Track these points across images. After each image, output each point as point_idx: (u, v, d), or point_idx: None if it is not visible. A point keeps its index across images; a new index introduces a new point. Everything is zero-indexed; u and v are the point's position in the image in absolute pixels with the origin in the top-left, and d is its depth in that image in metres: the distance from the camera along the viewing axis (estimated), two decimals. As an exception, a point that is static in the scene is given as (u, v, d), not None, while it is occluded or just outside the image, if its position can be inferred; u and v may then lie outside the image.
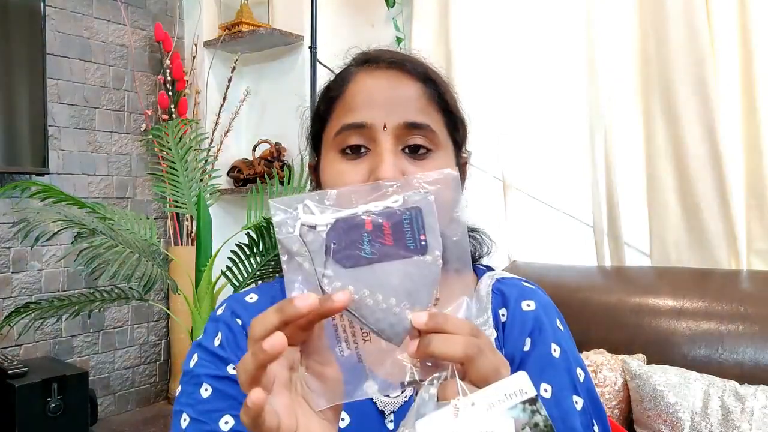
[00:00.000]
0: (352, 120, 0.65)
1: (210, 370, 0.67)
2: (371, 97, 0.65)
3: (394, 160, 0.63)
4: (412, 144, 0.65)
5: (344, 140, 0.65)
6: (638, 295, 1.61)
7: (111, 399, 2.57)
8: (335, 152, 0.66)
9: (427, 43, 2.29)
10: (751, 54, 1.65)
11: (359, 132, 0.65)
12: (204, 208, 1.91)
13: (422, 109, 0.66)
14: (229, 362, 0.67)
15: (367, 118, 0.64)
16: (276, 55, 2.66)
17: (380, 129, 0.64)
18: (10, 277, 2.28)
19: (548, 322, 0.70)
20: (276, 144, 2.52)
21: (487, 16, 2.18)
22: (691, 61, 1.71)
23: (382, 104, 0.65)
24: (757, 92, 1.65)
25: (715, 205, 1.69)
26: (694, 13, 1.70)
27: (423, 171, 0.57)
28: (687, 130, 1.72)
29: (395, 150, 0.64)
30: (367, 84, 0.66)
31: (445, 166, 0.61)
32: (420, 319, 0.47)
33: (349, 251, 0.49)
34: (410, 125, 0.64)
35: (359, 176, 0.64)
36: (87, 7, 2.50)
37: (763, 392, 1.28)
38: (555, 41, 2.09)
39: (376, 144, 0.64)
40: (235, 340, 0.68)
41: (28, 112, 2.25)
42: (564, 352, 0.68)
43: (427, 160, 0.65)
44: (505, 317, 0.70)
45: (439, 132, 0.66)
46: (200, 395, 0.66)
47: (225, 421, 0.64)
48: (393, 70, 0.67)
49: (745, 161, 1.71)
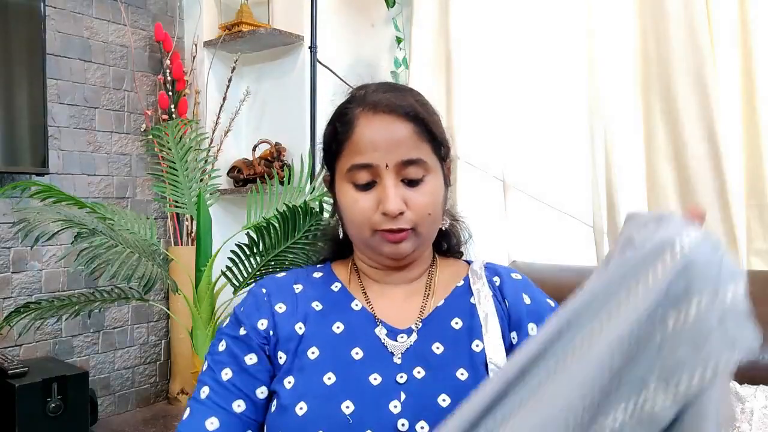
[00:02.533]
0: (360, 161, 0.82)
1: (229, 330, 0.85)
2: (373, 141, 0.82)
3: (395, 192, 0.81)
4: (409, 178, 0.82)
5: (355, 176, 0.83)
6: (638, 295, 1.60)
7: (111, 399, 2.57)
8: (348, 183, 0.84)
9: (427, 43, 2.29)
10: (751, 54, 1.65)
11: (367, 170, 0.82)
12: (204, 208, 1.91)
13: (414, 145, 0.82)
14: (242, 324, 0.85)
15: (372, 160, 0.81)
16: (276, 55, 2.66)
17: (383, 167, 0.81)
18: (10, 277, 2.28)
19: (533, 285, 0.91)
20: (276, 144, 2.52)
21: (487, 16, 2.18)
22: (691, 61, 1.71)
23: (383, 147, 0.81)
24: (757, 92, 1.65)
25: (715, 205, 1.69)
26: (694, 13, 1.70)
27: (419, 195, 0.82)
28: (687, 130, 1.72)
29: (396, 183, 0.82)
30: (370, 129, 0.82)
31: (436, 185, 0.84)
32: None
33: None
34: (407, 162, 0.81)
35: (369, 204, 0.82)
36: (87, 7, 2.50)
37: (763, 392, 1.28)
38: (555, 41, 2.09)
39: (381, 179, 0.82)
40: (256, 303, 0.86)
41: (28, 112, 2.25)
42: (555, 304, 0.88)
43: (422, 185, 0.83)
44: (499, 282, 0.89)
45: (429, 160, 0.83)
46: (217, 348, 0.85)
47: (225, 372, 0.82)
48: (389, 114, 0.82)
49: (745, 161, 1.71)
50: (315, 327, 0.84)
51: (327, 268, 0.94)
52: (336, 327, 0.84)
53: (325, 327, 0.84)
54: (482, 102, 2.15)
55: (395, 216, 0.81)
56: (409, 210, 0.81)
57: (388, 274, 0.89)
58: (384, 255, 0.85)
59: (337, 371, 0.79)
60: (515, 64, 2.14)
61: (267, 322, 0.84)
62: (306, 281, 0.90)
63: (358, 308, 0.87)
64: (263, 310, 0.85)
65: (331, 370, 0.79)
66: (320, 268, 0.94)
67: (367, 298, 0.88)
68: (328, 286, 0.90)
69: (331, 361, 0.80)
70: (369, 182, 0.82)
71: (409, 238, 0.83)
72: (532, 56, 2.12)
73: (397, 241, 0.82)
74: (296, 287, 0.89)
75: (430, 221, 0.84)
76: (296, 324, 0.84)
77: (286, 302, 0.86)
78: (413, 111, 0.83)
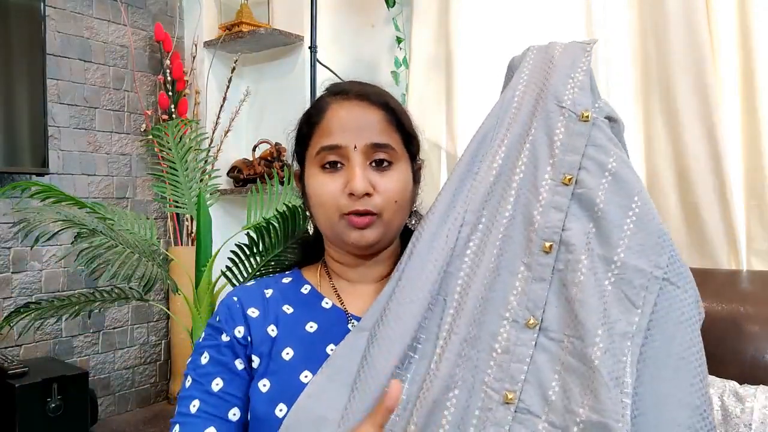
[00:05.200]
0: (329, 142, 0.83)
1: (210, 342, 0.84)
2: (343, 123, 0.83)
3: (363, 173, 0.81)
4: (377, 159, 0.83)
5: (323, 158, 0.83)
6: (638, 295, 1.60)
7: (111, 399, 2.57)
8: (317, 167, 0.84)
9: (427, 43, 2.29)
10: (751, 54, 1.65)
11: (335, 151, 0.82)
12: (204, 209, 1.91)
13: (384, 131, 0.84)
14: (223, 332, 0.84)
15: (341, 141, 0.82)
16: (276, 55, 2.66)
17: (351, 149, 0.82)
18: (10, 277, 2.28)
19: None
20: (276, 144, 2.52)
21: (487, 15, 2.18)
22: (691, 61, 1.70)
23: (353, 129, 0.82)
24: (757, 92, 1.64)
25: (715, 205, 1.69)
26: (694, 13, 1.70)
27: (387, 180, 0.82)
28: (687, 130, 1.72)
29: (364, 165, 0.82)
30: (340, 113, 0.84)
31: (404, 175, 0.85)
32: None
33: None
34: (375, 145, 0.82)
35: (337, 186, 0.82)
36: (87, 7, 2.50)
37: (763, 392, 1.28)
38: (555, 41, 2.09)
39: (349, 161, 0.82)
40: (229, 312, 0.85)
41: (28, 112, 2.25)
42: None
43: (389, 171, 0.84)
44: None
45: (397, 148, 0.85)
46: (200, 362, 0.83)
47: (215, 383, 0.81)
48: (360, 100, 0.84)
49: (745, 161, 1.71)
50: (288, 328, 0.84)
51: (296, 273, 0.94)
52: (309, 326, 0.85)
53: (298, 327, 0.84)
54: (482, 102, 2.15)
55: (361, 196, 0.81)
56: (376, 193, 0.82)
57: (356, 269, 0.89)
58: (349, 243, 0.84)
59: (313, 369, 0.79)
60: (515, 64, 2.14)
61: (243, 329, 0.84)
62: (275, 286, 0.90)
63: (328, 306, 0.87)
64: (237, 317, 0.85)
65: (307, 369, 0.79)
66: (289, 274, 0.94)
67: (338, 297, 0.89)
68: (298, 289, 0.91)
69: (306, 359, 0.81)
70: (336, 162, 0.83)
71: (374, 225, 0.82)
72: (532, 56, 2.12)
73: (362, 226, 0.82)
74: (266, 292, 0.89)
75: (395, 209, 0.84)
76: (268, 327, 0.84)
77: (257, 307, 0.86)
78: (383, 100, 0.85)
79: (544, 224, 0.78)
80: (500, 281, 0.78)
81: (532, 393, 0.72)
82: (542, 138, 0.82)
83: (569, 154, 0.80)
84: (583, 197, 0.79)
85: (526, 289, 0.77)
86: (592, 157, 0.81)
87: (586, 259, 0.76)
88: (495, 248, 0.79)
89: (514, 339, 0.75)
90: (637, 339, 0.73)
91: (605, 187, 0.79)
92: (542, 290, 0.76)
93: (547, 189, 0.79)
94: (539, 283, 0.77)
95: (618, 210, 0.78)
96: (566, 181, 0.79)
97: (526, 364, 0.73)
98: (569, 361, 0.72)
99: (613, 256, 0.76)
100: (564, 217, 0.78)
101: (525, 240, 0.79)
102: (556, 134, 0.81)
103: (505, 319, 0.76)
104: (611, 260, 0.76)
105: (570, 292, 0.75)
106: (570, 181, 0.79)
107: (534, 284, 0.77)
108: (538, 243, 0.78)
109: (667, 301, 0.76)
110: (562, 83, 0.84)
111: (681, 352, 0.74)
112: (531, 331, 0.75)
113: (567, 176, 0.79)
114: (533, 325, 0.75)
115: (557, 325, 0.75)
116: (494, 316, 0.76)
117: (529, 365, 0.73)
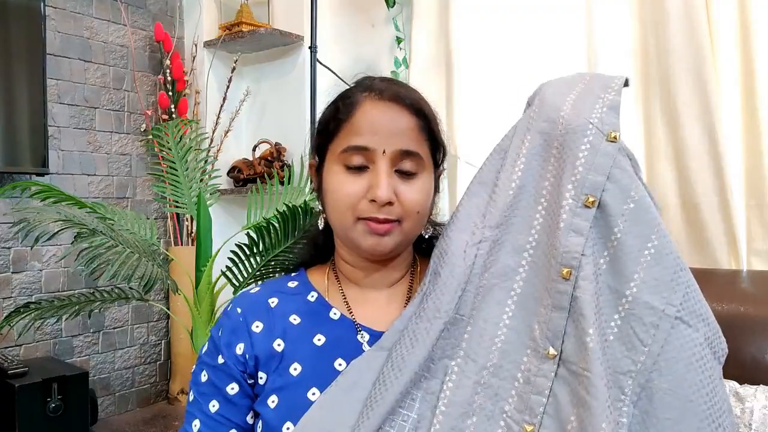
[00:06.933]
0: (357, 143, 0.78)
1: (209, 359, 0.84)
2: (374, 125, 0.78)
3: (388, 181, 0.77)
4: (404, 167, 0.79)
5: (349, 158, 0.79)
6: (638, 295, 1.60)
7: (111, 399, 2.57)
8: (340, 165, 0.80)
9: (427, 43, 2.29)
10: (751, 54, 1.65)
11: (362, 153, 0.78)
12: (204, 209, 1.91)
13: (415, 138, 0.80)
14: (220, 352, 0.83)
15: (370, 143, 0.78)
16: (276, 55, 2.66)
17: (380, 153, 0.78)
18: (10, 277, 2.28)
19: None
20: (276, 144, 2.52)
21: (488, 15, 2.18)
22: (691, 61, 1.70)
23: (384, 132, 0.78)
24: (757, 92, 1.64)
25: (715, 205, 1.69)
26: (694, 13, 1.70)
27: (411, 190, 0.79)
28: (687, 130, 1.72)
29: (389, 172, 0.78)
30: (372, 113, 0.79)
31: (427, 185, 0.81)
32: None
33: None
34: (404, 152, 0.79)
35: (358, 188, 0.78)
36: (87, 7, 2.50)
37: (763, 392, 1.28)
38: (555, 41, 2.09)
39: (375, 165, 0.78)
40: (231, 326, 0.84)
41: (28, 112, 2.25)
42: None
43: (413, 180, 0.80)
44: None
45: (425, 157, 0.81)
46: (200, 379, 0.83)
47: (212, 405, 0.82)
48: (394, 102, 0.79)
49: (745, 161, 1.71)
50: (295, 342, 0.82)
51: (302, 277, 0.91)
52: (317, 339, 0.82)
53: (306, 341, 0.82)
54: (482, 102, 2.15)
55: (383, 205, 0.77)
56: (398, 203, 0.78)
57: (367, 274, 0.87)
58: (364, 248, 0.80)
59: (321, 386, 0.77)
60: (515, 63, 2.14)
61: (244, 346, 0.82)
62: (281, 295, 0.87)
63: (336, 317, 0.84)
64: (239, 332, 0.83)
65: (315, 385, 0.78)
66: (294, 277, 0.91)
67: (347, 305, 0.86)
68: (304, 296, 0.87)
69: (314, 376, 0.79)
70: (361, 166, 0.78)
71: (393, 233, 0.79)
72: (533, 56, 2.12)
73: (381, 233, 0.78)
74: (271, 302, 0.86)
75: (416, 219, 0.81)
76: (274, 341, 0.81)
77: (262, 320, 0.83)
78: (419, 106, 0.81)
79: (563, 249, 0.74)
80: (524, 308, 0.76)
81: (551, 427, 0.71)
82: (565, 152, 0.77)
83: (593, 173, 0.75)
84: (602, 222, 0.75)
85: (546, 317, 0.74)
86: (616, 180, 0.76)
87: (592, 288, 0.73)
88: (517, 273, 0.76)
89: (535, 370, 0.73)
90: (639, 378, 0.71)
91: (626, 213, 0.75)
92: (561, 319, 0.73)
93: (568, 210, 0.75)
94: (558, 311, 0.74)
95: (636, 241, 0.74)
96: (588, 203, 0.75)
97: (546, 396, 0.72)
98: (583, 396, 0.70)
99: (625, 290, 0.74)
100: (584, 241, 0.74)
101: (547, 264, 0.76)
102: (581, 150, 0.76)
103: (528, 348, 0.74)
104: (623, 294, 0.74)
105: (580, 322, 0.73)
106: (592, 204, 0.75)
107: (554, 313, 0.74)
108: (557, 268, 0.74)
109: (678, 341, 0.73)
110: (591, 102, 0.80)
111: (690, 395, 0.72)
112: (551, 361, 0.73)
113: (590, 198, 0.75)
114: (553, 356, 0.73)
115: (575, 357, 0.72)
116: (518, 344, 0.74)
117: (548, 397, 0.72)
